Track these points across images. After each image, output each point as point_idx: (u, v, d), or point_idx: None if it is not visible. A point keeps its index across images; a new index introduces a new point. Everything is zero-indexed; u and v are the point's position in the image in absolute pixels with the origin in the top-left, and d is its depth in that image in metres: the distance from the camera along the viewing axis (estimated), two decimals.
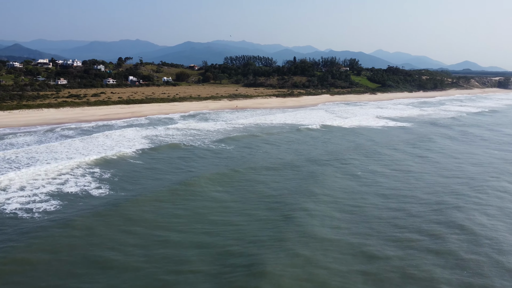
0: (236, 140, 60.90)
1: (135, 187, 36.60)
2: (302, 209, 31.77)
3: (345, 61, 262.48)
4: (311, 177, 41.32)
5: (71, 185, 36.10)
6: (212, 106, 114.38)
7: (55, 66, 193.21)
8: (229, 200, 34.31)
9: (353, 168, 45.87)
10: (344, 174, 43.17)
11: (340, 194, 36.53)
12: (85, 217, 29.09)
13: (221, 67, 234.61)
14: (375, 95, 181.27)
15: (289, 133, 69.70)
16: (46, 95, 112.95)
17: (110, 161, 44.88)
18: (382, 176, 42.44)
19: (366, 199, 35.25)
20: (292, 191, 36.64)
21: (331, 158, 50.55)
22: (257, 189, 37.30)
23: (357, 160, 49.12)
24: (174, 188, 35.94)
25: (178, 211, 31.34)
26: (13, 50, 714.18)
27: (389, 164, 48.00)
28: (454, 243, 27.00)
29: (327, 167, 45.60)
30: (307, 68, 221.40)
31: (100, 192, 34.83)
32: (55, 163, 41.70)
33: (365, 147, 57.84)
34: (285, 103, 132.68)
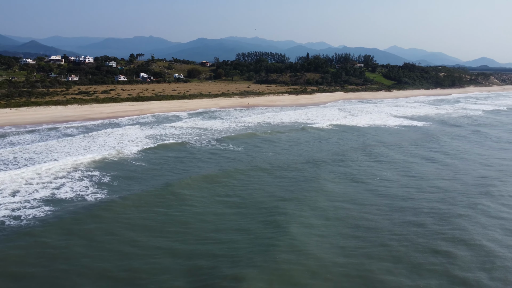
0: (240, 140, 58.06)
1: (122, 190, 34.38)
2: (301, 225, 28.56)
3: (360, 58, 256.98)
4: (313, 183, 37.96)
5: (60, 185, 34.06)
6: (222, 104, 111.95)
7: (67, 63, 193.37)
8: (207, 206, 31.84)
9: (364, 174, 42.39)
10: (353, 181, 39.50)
11: (347, 205, 33.06)
12: (70, 222, 27.00)
13: (233, 63, 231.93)
14: (391, 93, 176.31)
15: (298, 133, 66.48)
16: (56, 91, 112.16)
17: (107, 162, 42.74)
18: (397, 186, 38.96)
19: (378, 213, 32.10)
20: (286, 198, 33.58)
21: (339, 161, 47.12)
22: (245, 193, 34.70)
23: (370, 166, 45.39)
24: (158, 193, 33.85)
25: (150, 219, 29.00)
26: (29, 47, 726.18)
27: (404, 171, 44.40)
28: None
29: (334, 173, 41.86)
30: (320, 64, 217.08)
31: (94, 195, 32.61)
32: (47, 164, 39.77)
33: (378, 150, 53.97)
34: (298, 101, 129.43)
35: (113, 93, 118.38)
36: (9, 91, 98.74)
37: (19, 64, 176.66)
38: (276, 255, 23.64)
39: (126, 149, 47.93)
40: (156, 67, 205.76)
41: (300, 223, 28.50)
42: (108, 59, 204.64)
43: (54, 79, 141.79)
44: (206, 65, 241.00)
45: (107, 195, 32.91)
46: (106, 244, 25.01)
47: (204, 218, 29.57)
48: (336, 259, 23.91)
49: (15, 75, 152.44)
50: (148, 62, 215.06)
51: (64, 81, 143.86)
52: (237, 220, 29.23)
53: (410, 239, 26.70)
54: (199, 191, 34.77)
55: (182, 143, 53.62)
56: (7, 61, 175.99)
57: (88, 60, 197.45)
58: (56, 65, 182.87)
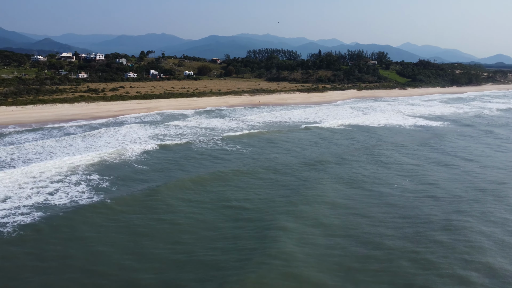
0: (245, 140, 55.74)
1: (118, 194, 32.58)
2: (300, 241, 25.73)
3: (373, 54, 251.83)
4: (316, 191, 34.93)
5: (54, 190, 32.20)
6: (232, 102, 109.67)
7: (78, 60, 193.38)
8: (196, 213, 29.80)
9: (377, 181, 39.26)
10: (366, 190, 36.43)
11: (356, 218, 30.00)
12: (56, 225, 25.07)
13: (243, 60, 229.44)
14: (405, 91, 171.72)
15: (307, 133, 63.61)
16: (65, 89, 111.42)
17: (107, 164, 40.86)
18: (414, 195, 35.84)
19: (392, 227, 29.30)
20: (286, 211, 30.23)
21: (349, 166, 43.98)
22: (238, 200, 32.36)
23: (383, 173, 41.85)
24: (151, 197, 32.09)
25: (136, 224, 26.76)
26: (44, 44, 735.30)
27: (420, 177, 41.04)
28: None
29: (342, 180, 38.71)
30: (332, 61, 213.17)
31: (88, 199, 30.68)
32: (42, 164, 38.12)
33: (393, 154, 50.22)
34: (309, 99, 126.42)
35: (121, 90, 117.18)
36: (17, 89, 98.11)
37: (30, 61, 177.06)
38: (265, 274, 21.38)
39: (127, 150, 46.05)
40: (166, 64, 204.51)
41: (299, 240, 25.65)
42: (119, 56, 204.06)
43: (64, 77, 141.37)
44: (217, 62, 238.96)
45: (101, 199, 30.98)
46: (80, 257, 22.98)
47: (188, 228, 27.35)
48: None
49: (26, 72, 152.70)
50: (158, 59, 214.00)
51: (74, 78, 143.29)
52: (229, 232, 26.84)
53: (428, 262, 23.85)
54: (193, 195, 32.73)
55: (186, 144, 51.56)
56: (19, 58, 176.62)
57: (99, 57, 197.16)
58: (67, 62, 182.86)
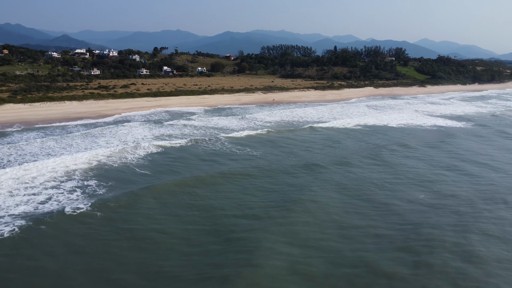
0: (252, 141, 52.48)
1: (111, 199, 30.24)
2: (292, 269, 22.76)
3: (390, 51, 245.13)
4: (319, 205, 31.55)
5: (39, 191, 29.81)
6: (244, 100, 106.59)
7: (91, 56, 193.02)
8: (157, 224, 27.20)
9: (393, 195, 35.19)
10: (381, 203, 32.80)
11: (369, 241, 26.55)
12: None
13: (257, 57, 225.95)
14: (425, 88, 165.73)
15: (319, 135, 59.64)
16: (76, 86, 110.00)
17: (107, 168, 38.31)
18: (434, 213, 32.26)
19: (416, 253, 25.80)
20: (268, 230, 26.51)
21: (366, 174, 40.01)
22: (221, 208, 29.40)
23: (400, 184, 37.43)
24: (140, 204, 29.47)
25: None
26: (61, 41, 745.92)
27: (443, 192, 37.22)
28: None
29: (354, 195, 34.73)
30: (348, 58, 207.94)
31: (79, 206, 28.13)
32: (34, 167, 35.79)
33: (412, 164, 45.15)
34: (325, 97, 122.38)
35: (132, 87, 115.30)
36: (28, 86, 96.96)
37: (44, 57, 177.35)
38: None
39: (128, 152, 43.58)
40: (179, 61, 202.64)
41: (291, 263, 22.49)
42: (132, 52, 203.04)
43: (76, 73, 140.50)
44: (230, 59, 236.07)
45: (90, 209, 28.41)
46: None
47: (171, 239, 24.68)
48: None
49: (40, 68, 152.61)
50: (171, 55, 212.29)
51: (86, 75, 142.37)
52: (206, 245, 23.87)
53: None
54: (188, 201, 29.88)
55: (189, 146, 48.71)
56: (33, 54, 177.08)
57: (112, 54, 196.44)
58: (81, 59, 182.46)
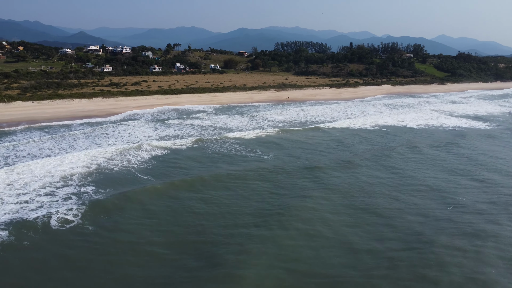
0: (259, 143, 49.73)
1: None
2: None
3: (408, 47, 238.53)
4: (330, 215, 28.71)
5: (31, 199, 27.63)
6: (257, 98, 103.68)
7: (105, 53, 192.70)
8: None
9: (415, 212, 32.24)
10: (417, 215, 29.77)
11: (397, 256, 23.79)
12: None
13: (271, 53, 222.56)
14: (444, 86, 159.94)
15: (332, 136, 56.17)
16: (87, 83, 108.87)
17: (106, 173, 36.08)
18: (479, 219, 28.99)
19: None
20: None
21: (384, 183, 36.89)
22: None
23: (423, 202, 33.96)
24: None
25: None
26: (78, 38, 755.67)
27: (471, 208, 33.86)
28: None
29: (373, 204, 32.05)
30: (365, 54, 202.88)
31: (68, 216, 25.84)
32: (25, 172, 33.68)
33: (435, 175, 41.53)
34: (340, 95, 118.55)
35: (144, 84, 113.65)
36: (38, 83, 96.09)
37: (58, 54, 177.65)
38: None
39: (130, 154, 41.37)
40: (192, 58, 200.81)
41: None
42: (145, 49, 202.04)
43: (88, 70, 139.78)
44: (244, 56, 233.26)
45: (84, 217, 26.07)
46: None
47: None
48: None
49: (54, 65, 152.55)
50: (184, 52, 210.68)
51: (99, 71, 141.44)
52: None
53: None
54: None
55: (196, 147, 46.30)
56: (48, 51, 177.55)
57: (125, 51, 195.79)
58: (94, 55, 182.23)
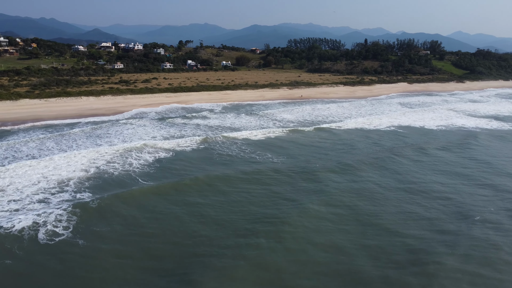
0: (266, 145, 47.07)
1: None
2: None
3: (425, 44, 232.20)
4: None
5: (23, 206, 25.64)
6: (268, 96, 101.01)
7: (117, 50, 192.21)
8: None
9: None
10: (437, 232, 27.05)
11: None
12: None
13: (283, 50, 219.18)
14: (463, 84, 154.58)
15: (343, 138, 52.93)
16: (97, 80, 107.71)
17: (95, 176, 34.07)
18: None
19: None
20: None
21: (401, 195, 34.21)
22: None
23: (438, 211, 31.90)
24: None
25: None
26: (93, 35, 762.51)
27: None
28: None
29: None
30: (380, 51, 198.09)
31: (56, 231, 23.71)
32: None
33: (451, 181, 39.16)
34: (355, 93, 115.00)
35: (154, 82, 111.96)
36: (48, 80, 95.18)
37: (71, 51, 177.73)
38: None
39: (132, 157, 39.27)
40: (204, 54, 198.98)
41: None
42: (157, 46, 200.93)
43: (99, 67, 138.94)
44: (256, 52, 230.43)
45: (75, 231, 23.98)
46: None
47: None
48: None
49: (66, 62, 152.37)
50: (196, 49, 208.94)
51: (110, 68, 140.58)
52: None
53: None
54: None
55: (202, 149, 44.02)
56: (60, 48, 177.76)
57: (137, 47, 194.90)
58: (106, 52, 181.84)
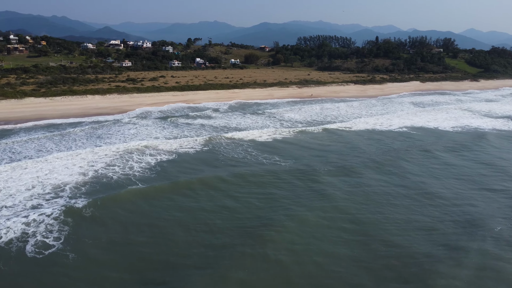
0: (271, 147, 45.21)
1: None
2: None
3: (438, 41, 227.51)
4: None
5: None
6: (277, 95, 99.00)
7: (125, 48, 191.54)
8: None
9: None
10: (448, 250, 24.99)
11: None
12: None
13: (293, 48, 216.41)
14: (478, 83, 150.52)
15: (357, 138, 51.17)
16: (104, 78, 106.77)
17: (93, 180, 32.63)
18: None
19: None
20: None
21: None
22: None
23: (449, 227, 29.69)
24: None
25: None
26: (103, 33, 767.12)
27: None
28: None
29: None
30: (391, 49, 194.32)
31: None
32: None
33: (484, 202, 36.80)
34: (366, 92, 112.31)
35: (161, 80, 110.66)
36: (54, 78, 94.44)
37: (80, 49, 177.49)
38: None
39: (133, 160, 37.86)
40: (212, 52, 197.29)
41: None
42: (165, 44, 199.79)
43: (107, 65, 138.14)
44: (265, 50, 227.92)
45: (66, 243, 22.42)
46: None
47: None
48: None
49: (75, 60, 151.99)
50: (205, 47, 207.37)
51: (117, 66, 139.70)
52: None
53: None
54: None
55: (206, 150, 42.54)
56: (69, 46, 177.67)
57: (146, 45, 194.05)
58: (115, 50, 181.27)
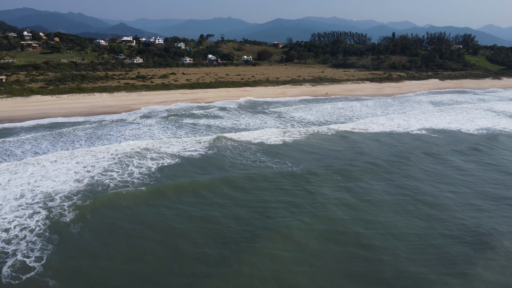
0: (274, 151, 42.30)
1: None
2: None
3: (457, 37, 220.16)
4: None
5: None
6: (290, 93, 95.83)
7: (137, 44, 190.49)
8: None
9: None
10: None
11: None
12: None
13: (307, 44, 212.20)
14: (500, 81, 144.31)
15: (373, 142, 47.98)
16: (114, 75, 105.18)
17: (88, 188, 30.36)
18: None
19: None
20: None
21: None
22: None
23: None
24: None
25: None
26: (118, 29, 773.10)
27: None
28: None
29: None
30: (408, 46, 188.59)
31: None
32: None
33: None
34: (382, 90, 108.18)
35: (171, 77, 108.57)
36: (63, 75, 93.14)
37: (92, 45, 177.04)
38: None
39: (133, 164, 35.58)
40: (225, 49, 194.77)
41: None
42: (178, 40, 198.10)
43: (118, 62, 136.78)
44: (278, 47, 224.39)
45: (48, 265, 20.09)
46: None
47: None
48: None
49: (87, 56, 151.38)
50: (217, 43, 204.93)
51: (129, 63, 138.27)
52: None
53: None
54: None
55: (211, 154, 39.98)
56: (82, 42, 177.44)
57: (158, 42, 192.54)
58: (127, 47, 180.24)
